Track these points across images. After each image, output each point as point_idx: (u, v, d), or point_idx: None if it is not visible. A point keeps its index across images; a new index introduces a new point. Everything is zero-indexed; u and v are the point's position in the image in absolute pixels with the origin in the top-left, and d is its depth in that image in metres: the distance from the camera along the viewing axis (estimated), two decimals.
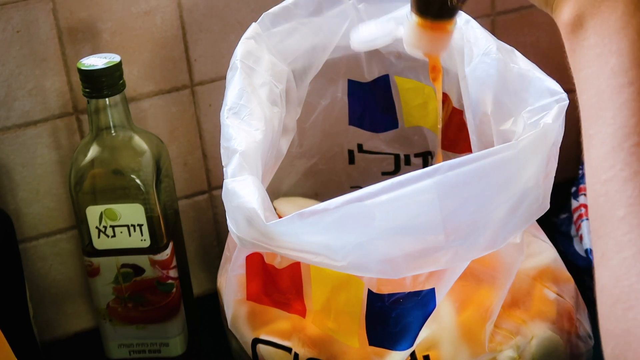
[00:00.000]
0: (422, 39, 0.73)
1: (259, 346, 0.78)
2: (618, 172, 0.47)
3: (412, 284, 0.72)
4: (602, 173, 0.48)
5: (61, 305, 0.98)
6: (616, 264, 0.47)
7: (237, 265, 0.78)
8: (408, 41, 0.74)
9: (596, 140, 0.49)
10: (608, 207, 0.48)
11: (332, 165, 0.98)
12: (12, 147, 0.91)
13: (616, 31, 0.49)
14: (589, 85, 0.50)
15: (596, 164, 0.49)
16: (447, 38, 0.73)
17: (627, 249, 0.46)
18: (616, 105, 0.48)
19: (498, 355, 0.75)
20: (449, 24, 0.72)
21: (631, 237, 0.46)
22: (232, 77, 0.79)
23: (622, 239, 0.47)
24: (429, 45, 0.74)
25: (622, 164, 0.47)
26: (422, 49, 0.74)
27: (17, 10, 0.86)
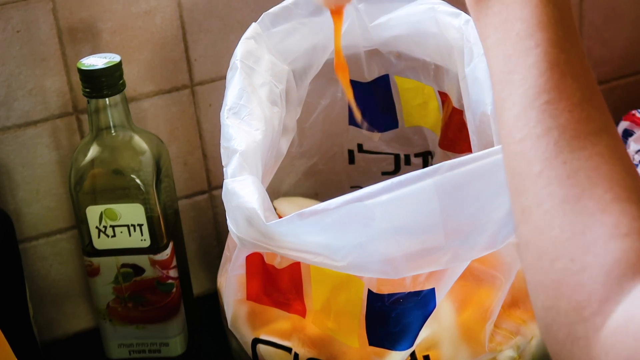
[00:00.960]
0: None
1: (259, 346, 0.78)
2: (531, 130, 0.49)
3: (412, 284, 0.72)
4: (516, 132, 0.50)
5: (61, 305, 0.98)
6: (538, 218, 0.48)
7: (237, 265, 0.78)
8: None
9: (508, 103, 0.50)
10: (525, 164, 0.49)
11: (332, 165, 0.98)
12: (12, 147, 0.91)
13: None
14: (496, 51, 0.52)
15: (510, 124, 0.50)
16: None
17: (547, 202, 0.47)
18: (524, 67, 0.50)
19: (498, 355, 0.75)
20: None
21: (550, 190, 0.47)
22: (232, 77, 0.79)
23: (541, 192, 0.48)
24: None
25: (534, 122, 0.49)
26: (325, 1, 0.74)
27: (17, 10, 0.86)
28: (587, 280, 0.45)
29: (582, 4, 1.06)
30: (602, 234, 0.46)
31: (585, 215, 0.46)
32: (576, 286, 0.46)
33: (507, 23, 0.52)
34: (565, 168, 0.48)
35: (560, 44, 0.50)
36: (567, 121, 0.48)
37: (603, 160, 0.48)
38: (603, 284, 0.45)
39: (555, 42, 0.50)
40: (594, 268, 0.45)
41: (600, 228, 0.46)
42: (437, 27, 0.83)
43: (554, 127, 0.48)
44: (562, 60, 0.50)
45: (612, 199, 0.47)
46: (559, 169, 0.48)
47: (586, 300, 0.45)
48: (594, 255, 0.45)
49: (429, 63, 0.89)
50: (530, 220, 0.48)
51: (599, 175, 0.47)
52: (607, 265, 0.45)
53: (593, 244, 0.46)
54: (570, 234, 0.46)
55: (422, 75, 0.91)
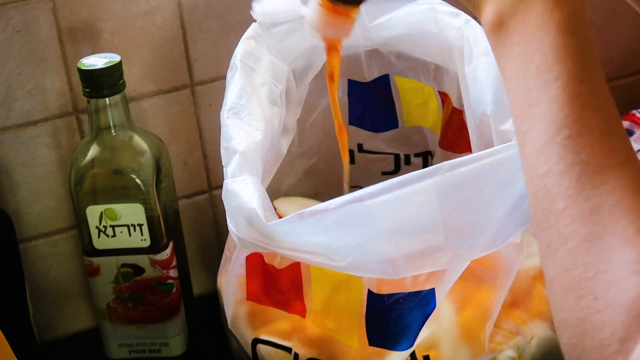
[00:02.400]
0: (324, 22, 0.72)
1: (259, 346, 0.78)
2: (553, 166, 0.49)
3: (412, 284, 0.72)
4: (538, 167, 0.50)
5: (61, 305, 0.98)
6: (563, 255, 0.48)
7: (237, 265, 0.78)
8: (310, 22, 0.73)
9: (529, 136, 0.50)
10: (548, 200, 0.49)
11: (332, 165, 0.98)
12: (12, 147, 0.91)
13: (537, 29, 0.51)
14: (516, 83, 0.52)
15: (532, 158, 0.50)
16: (350, 25, 0.72)
17: (571, 240, 0.48)
18: (545, 100, 0.50)
19: (498, 355, 0.75)
20: (354, 11, 0.71)
21: (574, 228, 0.48)
22: (232, 77, 0.79)
23: (565, 230, 0.48)
24: (330, 30, 0.73)
25: (556, 157, 0.49)
26: (322, 33, 0.73)
27: (17, 10, 0.86)
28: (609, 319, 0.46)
29: None
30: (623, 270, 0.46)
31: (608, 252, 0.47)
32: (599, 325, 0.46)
33: (526, 55, 0.51)
34: (587, 205, 0.48)
35: (580, 76, 0.50)
36: (588, 156, 0.48)
37: (625, 193, 0.48)
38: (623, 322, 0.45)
39: (575, 74, 0.50)
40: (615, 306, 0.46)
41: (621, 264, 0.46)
42: (437, 27, 0.83)
43: (576, 163, 0.48)
44: (582, 92, 0.49)
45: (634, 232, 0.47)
46: (581, 206, 0.48)
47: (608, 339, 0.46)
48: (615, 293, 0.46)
49: (429, 63, 0.89)
50: (555, 257, 0.49)
51: (621, 209, 0.47)
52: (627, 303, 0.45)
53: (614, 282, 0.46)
54: (594, 272, 0.47)
55: (422, 75, 0.91)
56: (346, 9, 0.71)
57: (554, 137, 0.49)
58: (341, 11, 0.71)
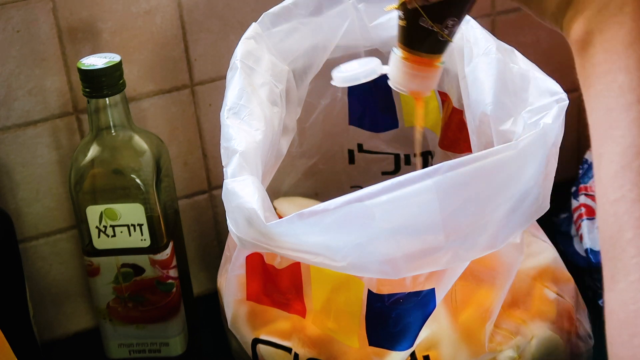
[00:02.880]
0: (408, 74, 0.69)
1: (259, 346, 0.78)
2: (627, 193, 0.47)
3: (412, 284, 0.72)
4: (610, 193, 0.47)
5: (61, 305, 0.98)
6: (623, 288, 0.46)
7: (237, 265, 0.78)
8: (393, 77, 0.70)
9: (605, 160, 0.48)
10: (617, 229, 0.47)
11: (332, 165, 0.98)
12: (12, 146, 0.91)
13: (624, 48, 0.49)
14: (597, 103, 0.49)
15: (605, 183, 0.48)
16: (436, 74, 0.70)
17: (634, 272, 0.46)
18: (625, 123, 0.47)
19: (498, 355, 0.75)
20: (438, 59, 0.68)
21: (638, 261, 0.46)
22: (232, 77, 0.79)
23: (629, 262, 0.46)
24: (416, 82, 0.70)
25: (630, 185, 0.47)
26: (408, 86, 0.71)
27: (17, 9, 0.86)
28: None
29: None
30: None
31: None
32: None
33: (610, 74, 0.49)
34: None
35: None
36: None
37: None
38: None
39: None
40: None
41: None
42: None
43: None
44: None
45: None
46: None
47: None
48: None
49: None
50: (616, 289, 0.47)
51: None
52: None
53: None
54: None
55: None
56: (430, 58, 0.68)
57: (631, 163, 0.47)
58: (424, 61, 0.68)
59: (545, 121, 0.70)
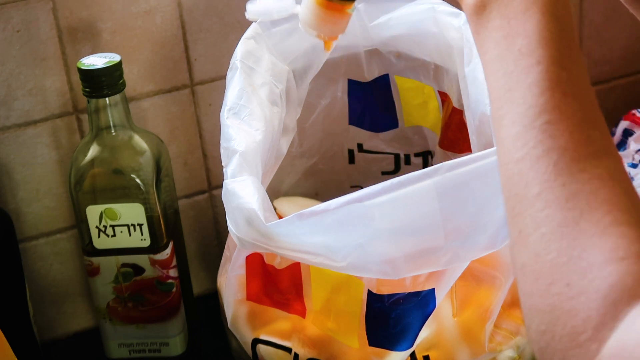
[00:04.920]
0: (318, 18, 0.70)
1: (259, 346, 0.78)
2: (530, 150, 0.48)
3: (412, 285, 0.72)
4: (514, 152, 0.49)
5: (61, 305, 0.98)
6: (535, 240, 0.47)
7: (237, 266, 0.78)
8: (304, 20, 0.71)
9: (507, 120, 0.49)
10: (522, 185, 0.48)
11: (332, 164, 0.98)
12: (12, 146, 0.91)
13: (521, 12, 0.50)
14: (496, 67, 0.51)
15: (508, 143, 0.49)
16: (345, 21, 0.71)
17: (544, 225, 0.47)
18: (525, 85, 0.49)
19: (498, 355, 0.75)
20: (349, 6, 0.69)
21: (548, 213, 0.47)
22: (232, 77, 0.79)
23: (538, 215, 0.47)
24: (325, 27, 0.71)
25: (534, 142, 0.48)
26: (317, 30, 0.71)
27: (17, 9, 0.86)
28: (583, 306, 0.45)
29: (582, 4, 1.06)
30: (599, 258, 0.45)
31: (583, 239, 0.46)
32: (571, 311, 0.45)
33: (508, 38, 0.50)
34: (563, 191, 0.47)
35: (562, 62, 0.49)
36: (567, 142, 0.47)
37: (603, 183, 0.47)
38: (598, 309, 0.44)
39: (557, 59, 0.49)
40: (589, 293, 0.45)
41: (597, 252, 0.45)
42: (437, 27, 0.83)
43: (554, 149, 0.47)
44: (563, 78, 0.49)
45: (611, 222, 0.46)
46: (557, 192, 0.47)
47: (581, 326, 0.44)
48: (589, 279, 0.45)
49: (429, 63, 0.89)
50: (527, 243, 0.48)
51: (598, 198, 0.46)
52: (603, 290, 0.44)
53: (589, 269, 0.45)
54: (567, 258, 0.46)
55: (422, 75, 0.91)
56: (340, 4, 0.69)
57: (533, 122, 0.48)
58: (335, 7, 0.69)
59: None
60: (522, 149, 0.48)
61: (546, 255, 0.46)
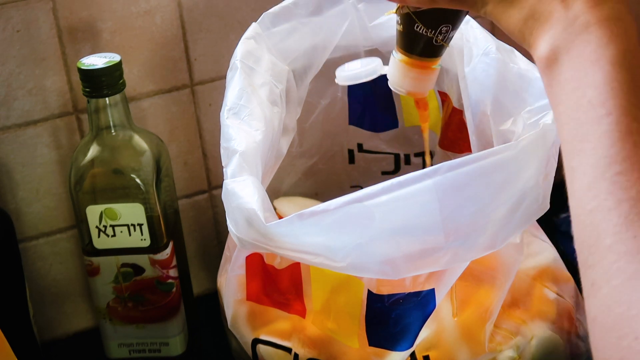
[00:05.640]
0: (406, 77, 0.72)
1: (259, 346, 0.78)
2: (602, 202, 0.48)
3: (412, 285, 0.72)
4: (586, 203, 0.49)
5: (61, 305, 0.98)
6: (606, 293, 0.47)
7: (237, 266, 0.78)
8: (392, 79, 0.73)
9: (579, 172, 0.49)
10: (595, 237, 0.48)
11: (332, 164, 0.98)
12: (12, 146, 0.91)
13: (591, 64, 0.50)
14: (568, 118, 0.51)
15: (580, 194, 0.49)
16: (432, 77, 0.72)
17: (616, 277, 0.46)
18: (596, 136, 0.49)
19: (498, 355, 0.75)
20: (434, 62, 0.71)
21: (619, 265, 0.46)
22: (232, 77, 0.79)
23: (610, 267, 0.47)
24: (413, 84, 0.72)
25: (605, 194, 0.48)
26: (405, 88, 0.73)
27: (17, 9, 0.86)
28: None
29: None
30: None
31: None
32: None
33: (578, 90, 0.50)
34: (635, 242, 0.46)
35: (633, 112, 0.49)
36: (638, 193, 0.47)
37: None
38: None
39: (628, 109, 0.49)
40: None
41: None
42: None
43: (625, 200, 0.47)
44: (634, 129, 0.48)
45: None
46: (629, 244, 0.46)
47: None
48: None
49: None
50: (599, 295, 0.47)
51: None
52: None
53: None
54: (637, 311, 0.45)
55: None
56: (427, 62, 0.70)
57: (604, 173, 0.48)
58: (422, 65, 0.71)
59: (545, 121, 0.70)
60: (594, 200, 0.48)
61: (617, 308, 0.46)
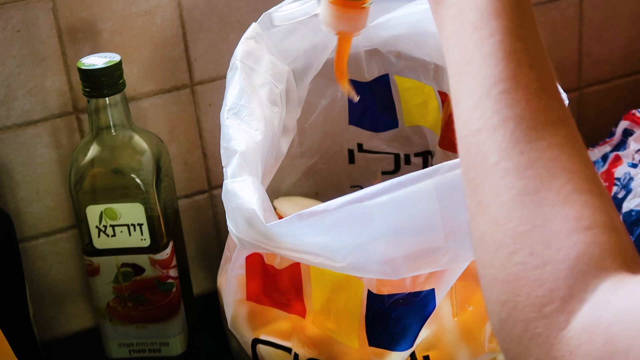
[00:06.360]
0: (336, 16, 0.70)
1: (259, 346, 0.78)
2: (487, 121, 0.47)
3: (412, 285, 0.72)
4: (472, 124, 0.48)
5: (61, 305, 0.98)
6: (494, 209, 0.46)
7: (237, 266, 0.78)
8: (324, 19, 0.72)
9: (464, 94, 0.49)
10: (481, 156, 0.47)
11: (332, 164, 0.98)
12: (12, 146, 0.91)
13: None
14: (453, 42, 0.51)
15: (465, 116, 0.49)
16: (363, 15, 0.71)
17: (504, 193, 0.46)
18: (480, 57, 0.49)
19: (498, 355, 0.75)
20: (364, 1, 0.69)
21: (507, 181, 0.46)
22: (232, 77, 0.79)
23: (498, 183, 0.46)
24: (343, 24, 0.71)
25: (490, 112, 0.47)
26: (336, 27, 0.72)
27: (17, 9, 0.86)
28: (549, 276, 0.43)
29: (581, 4, 1.06)
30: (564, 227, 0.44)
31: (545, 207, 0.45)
32: (536, 281, 0.44)
33: (462, 14, 0.50)
34: (522, 159, 0.46)
35: (516, 32, 0.49)
36: (523, 111, 0.47)
37: (562, 151, 0.46)
38: (565, 280, 0.43)
39: (511, 30, 0.49)
40: (555, 263, 0.44)
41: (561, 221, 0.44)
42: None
43: (511, 117, 0.47)
44: (518, 48, 0.48)
45: (573, 190, 0.45)
46: (515, 160, 0.46)
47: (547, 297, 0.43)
48: (555, 249, 0.44)
49: (429, 63, 0.89)
50: (486, 212, 0.47)
51: (558, 166, 0.46)
52: (570, 260, 0.43)
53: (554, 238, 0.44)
54: (530, 226, 0.45)
55: (422, 75, 0.91)
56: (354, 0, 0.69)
57: (489, 92, 0.48)
58: (352, 4, 0.70)
59: None
60: (479, 120, 0.48)
61: (507, 224, 0.45)
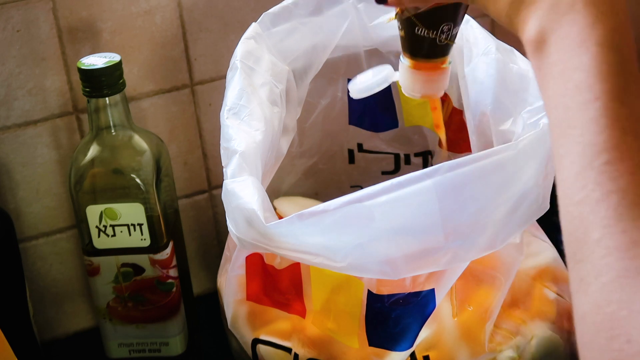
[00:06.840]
0: (417, 81, 0.70)
1: (259, 346, 0.78)
2: (590, 193, 0.45)
3: (412, 285, 0.72)
4: (574, 194, 0.46)
5: (61, 305, 0.98)
6: (596, 290, 0.45)
7: (237, 266, 0.78)
8: (404, 85, 0.71)
9: (566, 161, 0.47)
10: (583, 230, 0.46)
11: (332, 164, 0.98)
12: (12, 146, 0.91)
13: (577, 45, 0.48)
14: (555, 103, 0.49)
15: (567, 184, 0.47)
16: (444, 76, 0.71)
17: (605, 274, 0.44)
18: (583, 122, 0.46)
19: (498, 355, 0.75)
20: (443, 62, 0.69)
21: (609, 261, 0.44)
22: (232, 77, 0.79)
23: (599, 262, 0.45)
24: (425, 87, 0.71)
25: (593, 184, 0.45)
26: (418, 92, 0.71)
27: (17, 9, 0.86)
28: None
29: None
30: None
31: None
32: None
33: (565, 73, 0.48)
34: (624, 238, 0.44)
35: (620, 97, 0.46)
36: (627, 184, 0.45)
37: None
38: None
39: (615, 94, 0.46)
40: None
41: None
42: None
43: (614, 191, 0.45)
44: (623, 115, 0.46)
45: None
46: (618, 238, 0.44)
47: None
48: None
49: None
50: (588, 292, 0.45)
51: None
52: None
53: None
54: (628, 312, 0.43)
55: None
56: (434, 62, 0.69)
57: (592, 162, 0.46)
58: (431, 67, 0.69)
59: (545, 121, 0.70)
60: (582, 191, 0.46)
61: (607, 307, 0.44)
